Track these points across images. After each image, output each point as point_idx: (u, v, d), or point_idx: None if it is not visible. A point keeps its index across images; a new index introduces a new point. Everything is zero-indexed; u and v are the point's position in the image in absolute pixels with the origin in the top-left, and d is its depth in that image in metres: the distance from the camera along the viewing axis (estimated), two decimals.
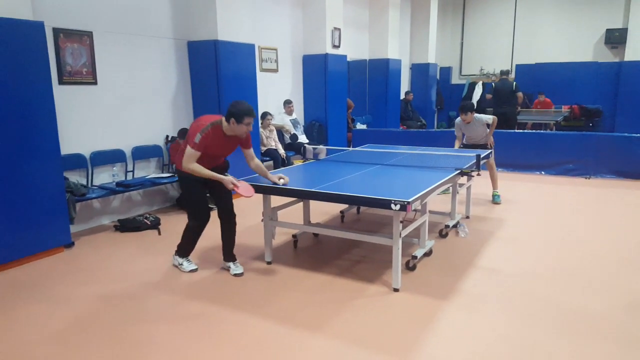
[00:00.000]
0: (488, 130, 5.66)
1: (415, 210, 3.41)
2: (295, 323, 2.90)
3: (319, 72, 8.13)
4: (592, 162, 7.10)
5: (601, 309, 3.02)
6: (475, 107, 5.80)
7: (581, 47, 12.07)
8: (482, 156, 4.37)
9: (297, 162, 5.68)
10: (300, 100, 8.24)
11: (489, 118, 5.62)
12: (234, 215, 3.76)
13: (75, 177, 4.71)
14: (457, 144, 5.82)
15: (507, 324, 2.85)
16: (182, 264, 3.79)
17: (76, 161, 4.71)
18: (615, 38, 11.43)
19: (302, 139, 7.62)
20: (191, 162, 3.35)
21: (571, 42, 12.15)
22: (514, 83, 9.11)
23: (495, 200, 5.73)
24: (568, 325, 2.83)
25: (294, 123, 7.66)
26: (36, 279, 3.64)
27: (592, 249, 4.13)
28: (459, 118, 5.71)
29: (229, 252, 3.77)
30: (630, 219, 5.02)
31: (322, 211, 5.27)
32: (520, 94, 9.10)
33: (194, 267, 3.78)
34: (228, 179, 3.44)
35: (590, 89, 11.78)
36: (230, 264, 3.73)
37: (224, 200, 3.70)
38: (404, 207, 2.91)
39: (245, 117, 3.31)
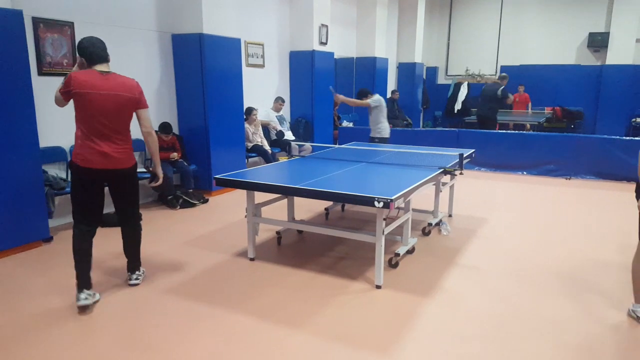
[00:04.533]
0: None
1: (398, 208, 3.42)
2: (277, 319, 2.89)
3: (306, 68, 8.10)
4: (573, 163, 7.22)
5: (579, 308, 3.07)
6: (461, 107, 5.94)
7: (564, 50, 12.27)
8: None
9: (283, 159, 5.66)
10: (287, 97, 8.20)
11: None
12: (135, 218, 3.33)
13: (55, 171, 4.61)
14: None
15: (487, 321, 2.88)
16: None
17: (55, 154, 4.62)
18: (598, 42, 11.65)
19: (288, 135, 7.59)
20: None
21: (555, 45, 12.34)
22: (501, 89, 8.97)
23: None
24: (546, 324, 2.88)
25: (280, 120, 7.63)
26: (12, 273, 3.55)
27: (571, 248, 4.20)
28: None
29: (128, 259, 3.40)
30: (609, 219, 5.12)
31: (307, 208, 5.26)
32: (509, 99, 9.07)
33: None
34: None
35: (572, 91, 11.99)
36: (132, 273, 3.38)
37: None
38: (387, 205, 2.91)
39: None
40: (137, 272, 3.38)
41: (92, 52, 2.92)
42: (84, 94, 2.84)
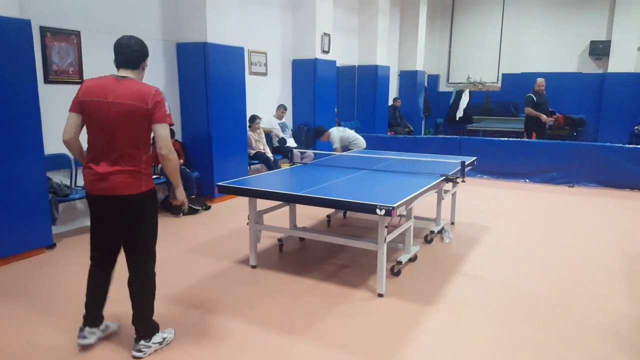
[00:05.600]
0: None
1: (400, 215, 3.43)
2: (279, 328, 2.89)
3: (308, 76, 8.15)
4: (576, 170, 7.22)
5: (583, 316, 3.07)
6: (462, 114, 5.95)
7: (566, 58, 12.31)
8: None
9: (285, 166, 5.68)
10: (289, 105, 8.24)
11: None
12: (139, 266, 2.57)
13: (59, 178, 4.65)
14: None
15: (490, 330, 2.88)
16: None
17: (60, 161, 4.65)
18: (599, 50, 11.69)
19: (291, 142, 7.62)
20: (172, 145, 2.45)
21: (557, 53, 12.39)
22: (527, 97, 8.50)
23: None
24: (550, 331, 2.87)
25: (283, 127, 7.66)
26: (15, 281, 3.57)
27: (574, 256, 4.19)
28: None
29: (134, 322, 2.59)
30: (612, 227, 5.11)
31: (309, 215, 5.27)
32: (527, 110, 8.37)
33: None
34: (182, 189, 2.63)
35: (574, 99, 12.00)
36: (136, 338, 2.58)
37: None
38: (389, 212, 2.92)
39: None
40: (141, 343, 2.55)
41: (116, 53, 2.45)
42: (89, 102, 2.39)
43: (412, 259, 3.95)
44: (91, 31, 4.83)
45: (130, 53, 2.44)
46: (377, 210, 2.95)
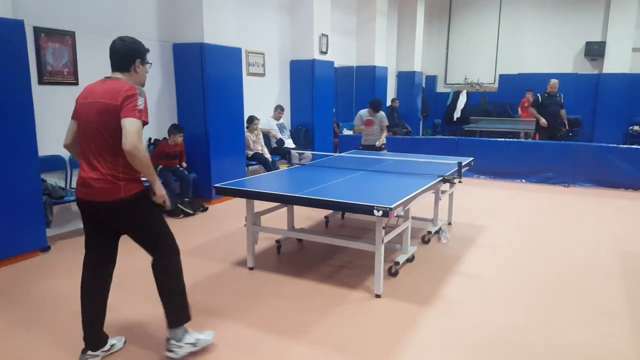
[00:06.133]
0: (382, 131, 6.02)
1: (397, 216, 3.42)
2: (277, 329, 2.88)
3: (306, 77, 8.14)
4: (571, 170, 7.23)
5: (580, 316, 3.06)
6: (460, 115, 5.92)
7: (562, 59, 12.35)
8: None
9: (283, 167, 5.67)
10: (287, 105, 8.23)
11: (385, 119, 6.01)
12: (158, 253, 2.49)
13: (54, 179, 4.61)
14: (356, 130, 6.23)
15: (486, 331, 2.87)
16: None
17: (55, 163, 4.62)
18: (594, 51, 11.73)
19: (289, 143, 7.61)
20: (141, 141, 2.23)
21: (552, 54, 12.42)
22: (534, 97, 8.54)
23: None
24: (547, 332, 2.86)
25: (281, 128, 7.65)
26: (8, 284, 3.54)
27: (570, 256, 4.19)
28: (364, 110, 6.02)
29: (165, 314, 2.50)
30: (608, 227, 5.12)
31: (307, 216, 5.26)
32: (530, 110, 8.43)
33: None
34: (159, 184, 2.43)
35: (570, 100, 11.94)
36: (167, 338, 2.50)
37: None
38: (386, 213, 2.91)
39: (147, 53, 2.50)
40: (171, 342, 2.47)
41: (110, 56, 2.42)
42: (79, 104, 2.39)
43: (410, 260, 3.94)
44: (86, 32, 4.81)
45: (119, 56, 2.38)
46: (375, 211, 2.94)
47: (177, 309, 2.50)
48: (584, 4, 11.95)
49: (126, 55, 2.39)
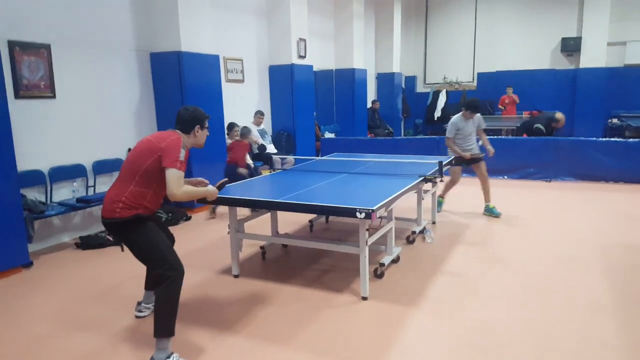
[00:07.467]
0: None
1: (380, 217, 3.44)
2: (264, 337, 2.87)
3: (286, 82, 8.15)
4: (553, 165, 7.36)
5: (565, 311, 3.12)
6: (440, 114, 5.86)
7: (539, 55, 12.59)
8: (444, 163, 4.46)
9: (265, 173, 5.66)
10: (267, 111, 8.23)
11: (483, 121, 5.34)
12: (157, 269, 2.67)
13: (34, 194, 4.54)
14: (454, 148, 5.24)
15: (473, 329, 2.90)
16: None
17: (34, 177, 4.55)
18: (570, 46, 11.98)
19: (270, 148, 7.59)
20: (182, 186, 2.60)
21: (529, 51, 12.66)
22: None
23: (493, 213, 5.41)
24: (533, 328, 2.91)
25: (262, 133, 7.63)
26: None
27: (554, 250, 4.26)
28: (457, 116, 5.25)
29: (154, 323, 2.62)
30: (589, 220, 5.22)
31: (291, 221, 5.26)
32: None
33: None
34: (213, 188, 2.98)
35: (548, 95, 12.27)
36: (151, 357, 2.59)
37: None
38: (368, 215, 2.93)
39: (207, 120, 2.95)
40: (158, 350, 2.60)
41: (176, 121, 2.89)
42: None
43: (395, 260, 3.97)
44: (62, 45, 4.73)
45: (182, 121, 2.84)
46: (357, 214, 2.96)
47: (161, 321, 2.60)
48: (558, 0, 12.19)
49: (188, 121, 2.84)
